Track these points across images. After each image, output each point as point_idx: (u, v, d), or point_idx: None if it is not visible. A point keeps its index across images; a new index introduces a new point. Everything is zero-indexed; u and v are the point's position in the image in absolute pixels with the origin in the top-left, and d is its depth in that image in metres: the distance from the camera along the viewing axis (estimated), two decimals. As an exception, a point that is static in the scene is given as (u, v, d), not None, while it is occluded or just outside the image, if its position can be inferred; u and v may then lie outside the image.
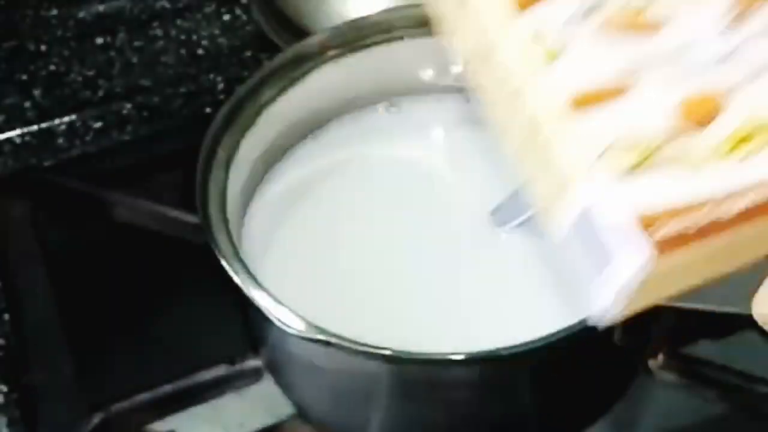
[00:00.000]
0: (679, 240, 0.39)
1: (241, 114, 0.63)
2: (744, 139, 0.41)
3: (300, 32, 0.73)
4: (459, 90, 0.67)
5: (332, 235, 0.64)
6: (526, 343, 0.52)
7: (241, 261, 0.56)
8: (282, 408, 0.63)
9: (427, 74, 0.69)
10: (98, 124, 0.76)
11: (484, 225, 0.63)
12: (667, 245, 0.39)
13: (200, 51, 0.80)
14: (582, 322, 0.52)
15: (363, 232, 0.64)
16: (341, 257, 0.63)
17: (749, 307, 0.50)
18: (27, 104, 0.76)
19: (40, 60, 0.79)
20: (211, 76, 0.78)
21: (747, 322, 0.53)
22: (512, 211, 0.61)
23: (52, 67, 0.79)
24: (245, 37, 0.79)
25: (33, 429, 0.62)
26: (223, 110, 0.62)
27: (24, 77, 0.78)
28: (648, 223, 0.39)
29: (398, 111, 0.69)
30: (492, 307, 0.60)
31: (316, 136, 0.68)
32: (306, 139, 0.68)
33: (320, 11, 0.75)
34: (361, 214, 0.65)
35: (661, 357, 0.64)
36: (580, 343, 0.54)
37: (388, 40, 0.67)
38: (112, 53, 0.80)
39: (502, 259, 0.62)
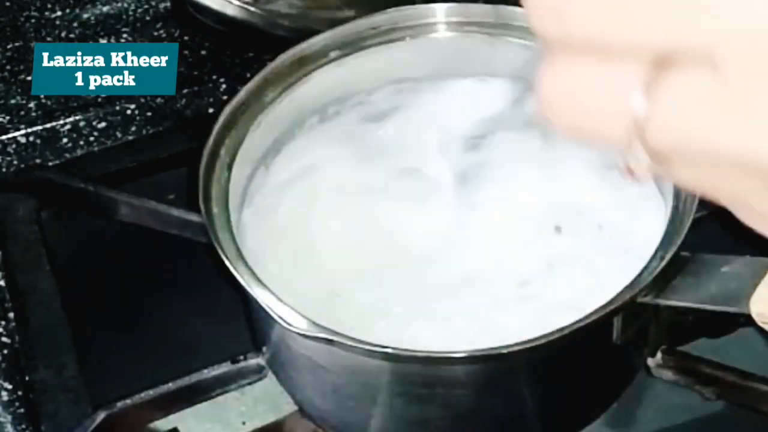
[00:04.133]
0: None
1: (243, 114, 0.63)
2: None
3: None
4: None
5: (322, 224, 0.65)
6: (526, 341, 0.52)
7: (243, 260, 0.56)
8: (284, 405, 0.63)
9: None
10: (102, 125, 0.76)
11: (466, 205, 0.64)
12: None
13: (203, 52, 0.80)
14: (581, 321, 0.53)
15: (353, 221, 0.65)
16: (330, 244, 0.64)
17: (747, 306, 0.50)
18: (31, 104, 0.76)
19: (45, 61, 0.79)
20: (214, 76, 0.78)
21: (745, 320, 0.54)
22: None
23: (57, 68, 0.79)
24: (248, 37, 0.79)
25: (37, 426, 0.63)
26: (226, 111, 0.63)
27: (29, 78, 0.78)
28: None
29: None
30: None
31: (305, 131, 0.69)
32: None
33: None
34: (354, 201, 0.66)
35: (659, 355, 0.64)
36: (579, 342, 0.55)
37: (390, 41, 0.67)
38: (116, 54, 0.80)
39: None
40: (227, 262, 0.55)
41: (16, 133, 0.75)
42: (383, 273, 0.62)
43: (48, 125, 0.75)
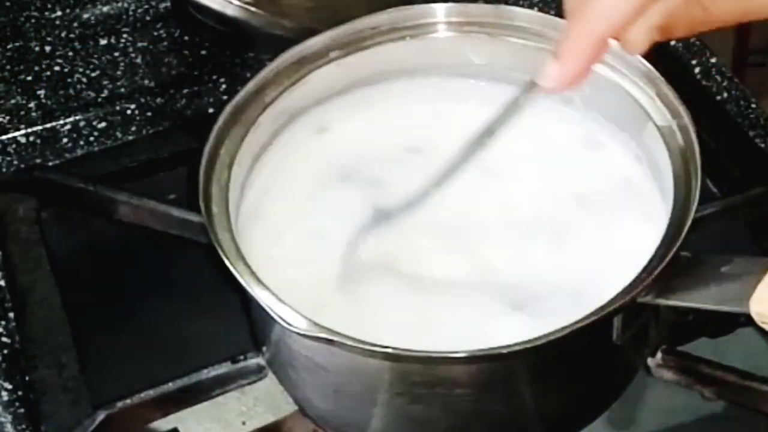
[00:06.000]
0: None
1: (243, 114, 0.63)
2: None
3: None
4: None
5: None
6: (526, 342, 0.52)
7: (243, 260, 0.56)
8: (284, 405, 0.63)
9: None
10: (102, 125, 0.76)
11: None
12: None
13: (203, 52, 0.80)
14: (581, 321, 0.53)
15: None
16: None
17: (747, 306, 0.50)
18: (32, 104, 0.77)
19: (45, 61, 0.80)
20: (214, 76, 0.78)
21: (745, 320, 0.54)
22: None
23: (57, 68, 0.79)
24: (248, 37, 0.79)
25: (37, 426, 0.63)
26: (226, 111, 0.63)
27: (29, 78, 0.78)
28: None
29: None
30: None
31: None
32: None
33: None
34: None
35: (659, 355, 0.64)
36: (579, 342, 0.55)
37: (390, 41, 0.67)
38: (116, 54, 0.80)
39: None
40: (227, 262, 0.55)
41: (16, 133, 0.75)
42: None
43: (48, 125, 0.75)
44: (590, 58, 0.54)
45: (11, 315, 0.67)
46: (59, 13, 0.82)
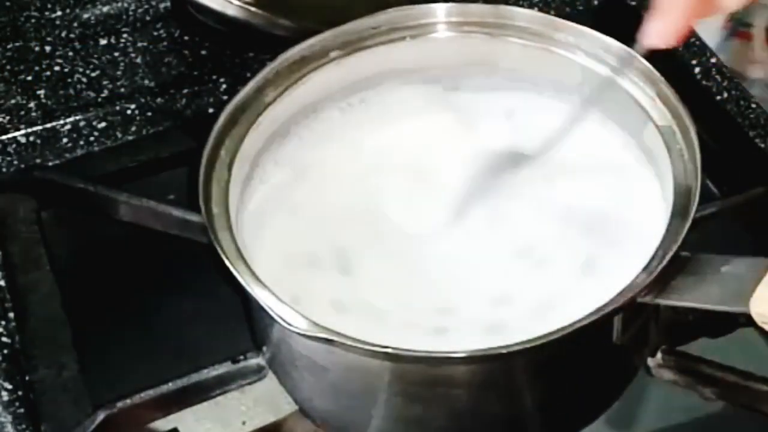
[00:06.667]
0: None
1: (244, 114, 0.63)
2: None
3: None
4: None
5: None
6: (526, 341, 0.52)
7: (243, 260, 0.56)
8: (284, 405, 0.63)
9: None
10: (102, 125, 0.76)
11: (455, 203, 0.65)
12: None
13: (203, 52, 0.80)
14: (581, 321, 0.53)
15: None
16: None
17: (747, 306, 0.50)
18: (32, 104, 0.77)
19: (45, 61, 0.80)
20: (214, 76, 0.78)
21: (745, 320, 0.54)
22: None
23: (57, 68, 0.79)
24: (248, 37, 0.79)
25: (37, 426, 0.63)
26: (226, 111, 0.63)
27: (29, 78, 0.78)
28: None
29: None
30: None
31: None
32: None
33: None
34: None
35: (659, 355, 0.64)
36: (579, 342, 0.55)
37: (390, 41, 0.67)
38: (116, 54, 0.80)
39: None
40: (227, 262, 0.56)
41: (16, 133, 0.75)
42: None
43: (48, 125, 0.75)
44: (692, 10, 0.52)
45: (11, 315, 0.67)
46: (59, 13, 0.82)
